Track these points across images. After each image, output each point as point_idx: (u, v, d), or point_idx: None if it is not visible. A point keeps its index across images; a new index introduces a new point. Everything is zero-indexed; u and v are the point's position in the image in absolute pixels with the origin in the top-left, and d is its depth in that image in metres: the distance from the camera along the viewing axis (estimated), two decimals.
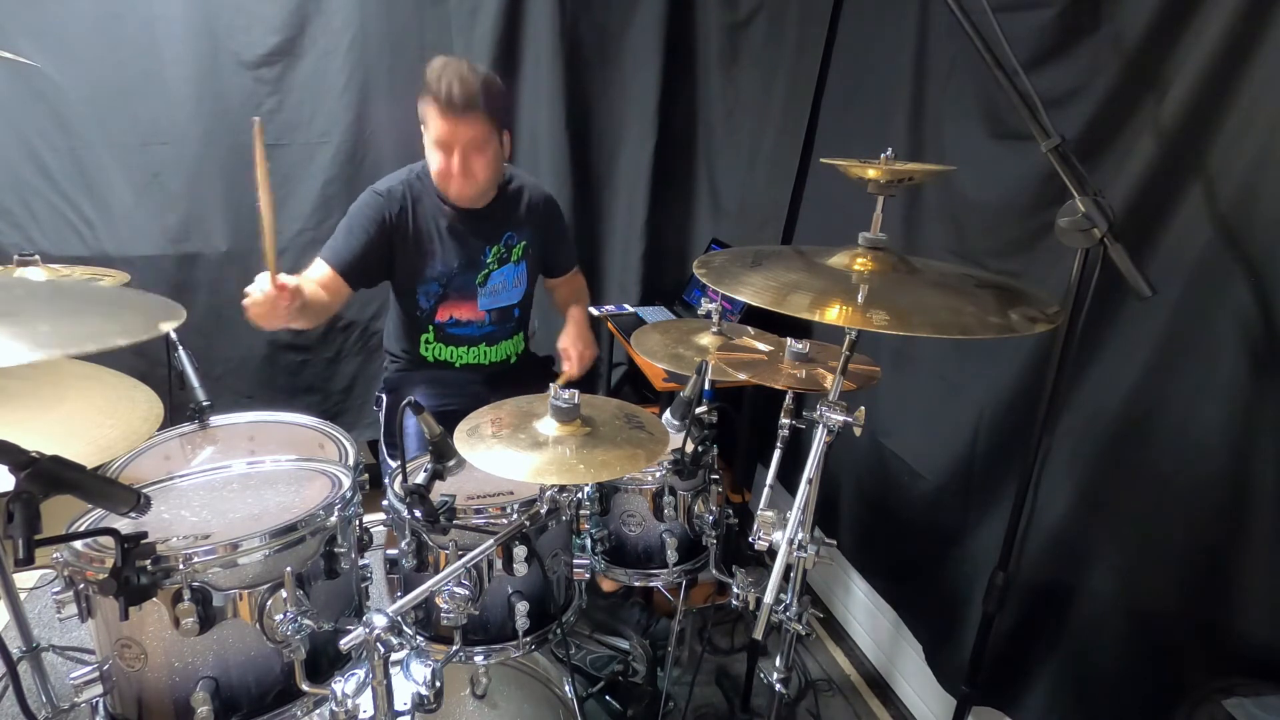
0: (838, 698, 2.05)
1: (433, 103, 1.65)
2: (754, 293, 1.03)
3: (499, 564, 1.20)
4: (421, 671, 1.03)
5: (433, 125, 1.69)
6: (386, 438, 1.85)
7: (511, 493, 1.26)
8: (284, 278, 1.42)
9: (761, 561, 1.29)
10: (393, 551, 1.26)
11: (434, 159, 1.73)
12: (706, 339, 1.55)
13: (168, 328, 0.79)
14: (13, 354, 0.66)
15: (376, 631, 0.96)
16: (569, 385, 1.15)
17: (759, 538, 1.16)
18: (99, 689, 1.00)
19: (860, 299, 1.02)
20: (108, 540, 0.92)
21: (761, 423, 2.22)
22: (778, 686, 1.38)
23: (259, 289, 1.39)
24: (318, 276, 1.70)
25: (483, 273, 1.87)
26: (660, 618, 2.07)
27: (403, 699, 1.04)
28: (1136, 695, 1.34)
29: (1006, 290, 1.11)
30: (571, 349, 1.89)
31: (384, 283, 1.91)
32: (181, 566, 0.96)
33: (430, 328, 1.89)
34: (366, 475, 1.31)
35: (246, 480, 1.23)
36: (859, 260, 1.11)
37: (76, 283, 1.75)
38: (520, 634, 1.22)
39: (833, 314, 0.98)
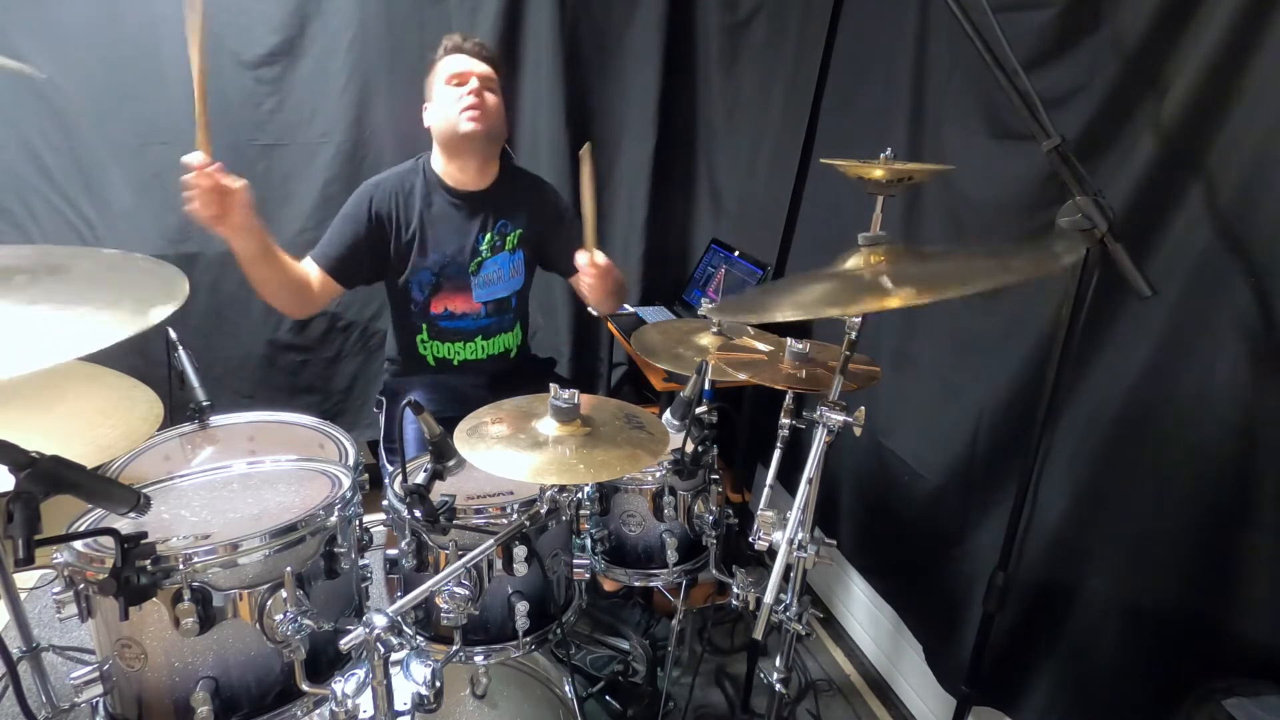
0: (838, 698, 2.05)
1: (446, 53, 1.76)
2: (790, 311, 1.04)
3: (499, 564, 1.20)
4: (421, 671, 1.03)
5: (448, 66, 1.76)
6: (386, 443, 1.85)
7: (511, 493, 1.26)
8: (226, 179, 1.43)
9: (761, 561, 1.29)
10: (393, 551, 1.26)
11: (447, 96, 1.75)
12: (706, 339, 1.55)
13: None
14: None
15: (376, 631, 0.96)
16: (566, 385, 1.15)
17: (759, 538, 1.16)
18: (99, 689, 1.00)
19: (889, 283, 1.02)
20: (108, 540, 0.92)
21: (761, 423, 2.22)
22: (778, 686, 1.38)
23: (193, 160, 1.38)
24: (306, 271, 1.73)
25: (476, 260, 1.85)
26: (660, 618, 2.07)
27: (403, 699, 1.04)
28: (1136, 695, 1.34)
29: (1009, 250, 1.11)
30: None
31: (383, 283, 1.90)
32: (181, 566, 0.96)
33: (424, 325, 1.87)
34: (366, 475, 1.31)
35: (246, 480, 1.23)
36: (872, 257, 1.11)
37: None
38: (520, 634, 1.22)
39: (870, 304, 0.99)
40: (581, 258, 1.65)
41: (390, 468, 1.78)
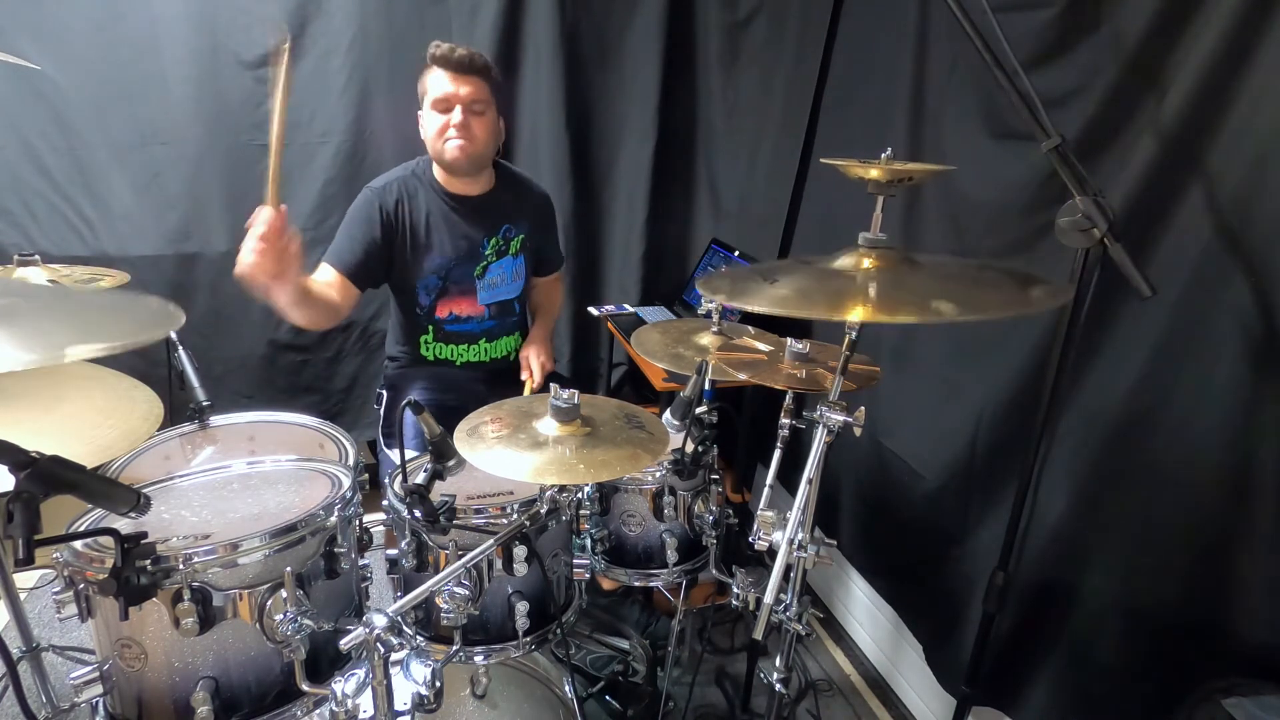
0: (838, 698, 2.05)
1: (434, 64, 1.70)
2: (771, 303, 1.01)
3: (499, 564, 1.20)
4: (421, 671, 1.03)
5: (433, 86, 1.71)
6: (385, 430, 1.86)
7: (511, 493, 1.26)
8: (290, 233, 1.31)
9: (761, 561, 1.29)
10: (393, 551, 1.26)
11: (433, 121, 1.73)
12: (706, 339, 1.54)
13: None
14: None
15: (376, 631, 0.95)
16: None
17: (759, 538, 1.16)
18: (99, 689, 1.00)
19: (873, 294, 1.01)
20: (108, 540, 0.92)
21: (761, 423, 2.22)
22: (778, 686, 1.37)
23: (259, 222, 1.27)
24: (324, 281, 1.70)
25: (481, 265, 1.87)
26: (660, 617, 2.07)
27: (403, 699, 1.03)
28: (1136, 695, 1.34)
29: (1013, 274, 1.10)
30: (534, 359, 1.94)
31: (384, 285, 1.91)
32: (181, 566, 0.96)
33: (430, 327, 1.89)
34: (366, 475, 1.31)
35: (246, 480, 1.23)
36: (865, 260, 1.10)
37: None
38: (520, 634, 1.22)
39: (855, 314, 0.95)
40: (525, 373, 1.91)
41: (390, 460, 1.78)
